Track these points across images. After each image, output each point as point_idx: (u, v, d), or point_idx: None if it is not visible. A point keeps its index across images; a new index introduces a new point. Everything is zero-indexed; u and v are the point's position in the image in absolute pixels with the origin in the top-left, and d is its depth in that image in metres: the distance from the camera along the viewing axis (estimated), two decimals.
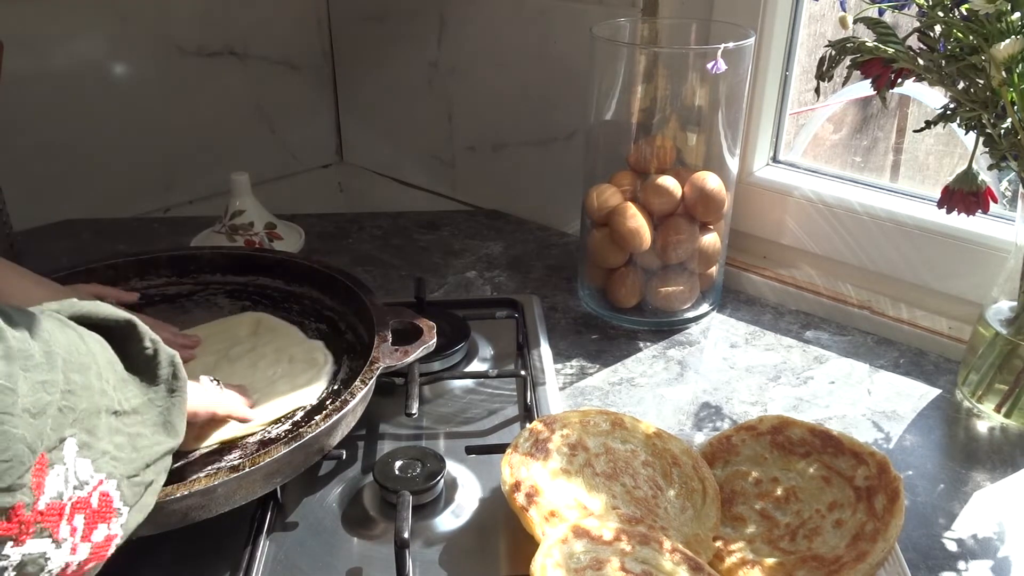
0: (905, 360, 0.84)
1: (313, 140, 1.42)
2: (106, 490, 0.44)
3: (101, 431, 0.44)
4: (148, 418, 0.49)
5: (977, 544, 0.62)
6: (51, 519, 0.40)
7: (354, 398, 0.64)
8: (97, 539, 0.44)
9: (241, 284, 0.85)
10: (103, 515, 0.44)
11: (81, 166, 1.15)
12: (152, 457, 0.48)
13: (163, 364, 0.51)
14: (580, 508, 0.59)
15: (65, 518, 0.41)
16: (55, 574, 0.42)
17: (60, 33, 1.09)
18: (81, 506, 0.42)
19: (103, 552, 0.45)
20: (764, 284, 0.96)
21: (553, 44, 1.05)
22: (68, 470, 0.42)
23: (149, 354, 0.50)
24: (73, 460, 0.42)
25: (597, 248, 0.90)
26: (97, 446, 0.44)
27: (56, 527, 0.41)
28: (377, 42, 1.30)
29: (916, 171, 1.36)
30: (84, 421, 0.43)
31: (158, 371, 0.50)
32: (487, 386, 0.79)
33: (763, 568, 0.57)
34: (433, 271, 1.02)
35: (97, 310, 0.49)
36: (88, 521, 0.43)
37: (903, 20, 0.67)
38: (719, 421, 0.76)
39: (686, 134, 0.88)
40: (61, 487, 0.41)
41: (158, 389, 0.50)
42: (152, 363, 0.50)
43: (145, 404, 0.49)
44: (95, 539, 0.44)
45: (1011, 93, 0.60)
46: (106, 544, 0.45)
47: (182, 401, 0.51)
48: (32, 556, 0.40)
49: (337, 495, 0.66)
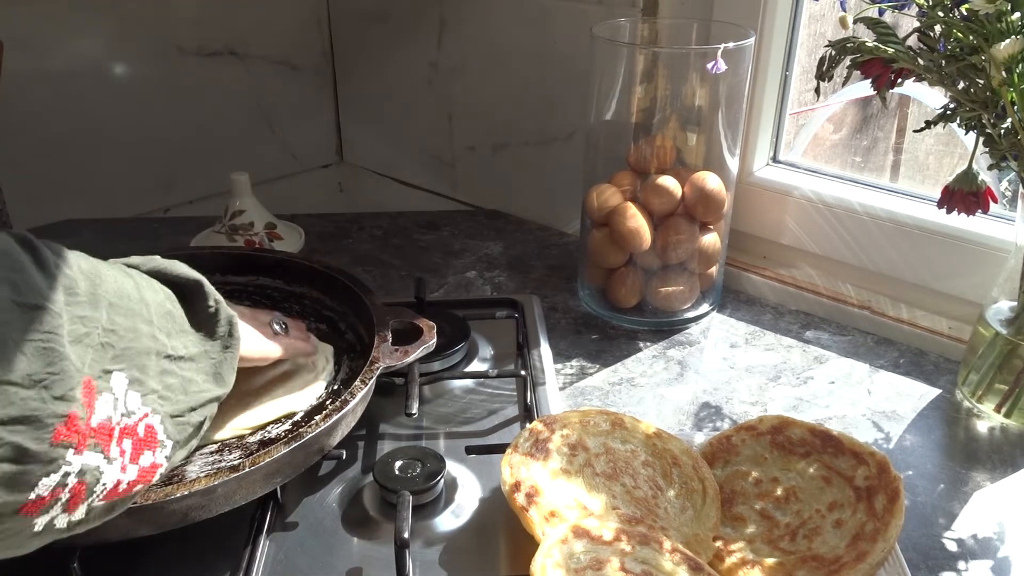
0: (905, 360, 0.84)
1: (313, 140, 1.42)
2: (151, 423, 0.50)
3: (151, 371, 0.50)
4: (202, 367, 0.55)
5: (977, 544, 0.62)
6: (103, 437, 0.46)
7: (354, 398, 0.64)
8: (144, 464, 0.50)
9: (241, 284, 0.85)
10: (149, 443, 0.50)
11: (81, 166, 1.15)
12: (199, 402, 0.54)
13: (222, 322, 0.57)
14: (580, 508, 0.59)
15: (115, 440, 0.47)
16: (108, 487, 0.47)
17: (60, 33, 1.09)
18: (128, 432, 0.48)
19: (149, 477, 0.50)
20: (764, 284, 0.96)
21: (553, 44, 1.05)
22: (117, 400, 0.47)
23: (211, 312, 0.57)
24: (123, 392, 0.48)
25: (597, 248, 0.90)
26: (147, 383, 0.50)
27: (107, 445, 0.46)
28: (377, 42, 1.30)
29: (916, 171, 1.36)
30: (132, 359, 0.49)
31: (217, 328, 0.57)
32: (487, 386, 0.79)
33: (763, 568, 0.57)
34: (433, 271, 1.02)
35: (172, 268, 0.57)
36: (135, 447, 0.49)
37: (903, 20, 0.67)
38: (719, 421, 0.76)
39: (686, 134, 0.88)
40: (110, 412, 0.47)
41: (215, 344, 0.57)
42: (212, 320, 0.57)
43: (201, 354, 0.55)
44: (142, 463, 0.49)
45: (1011, 93, 0.60)
46: (152, 470, 0.50)
47: (234, 357, 0.57)
48: (89, 467, 0.45)
49: (337, 495, 0.66)
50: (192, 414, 0.54)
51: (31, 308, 0.43)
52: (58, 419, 0.43)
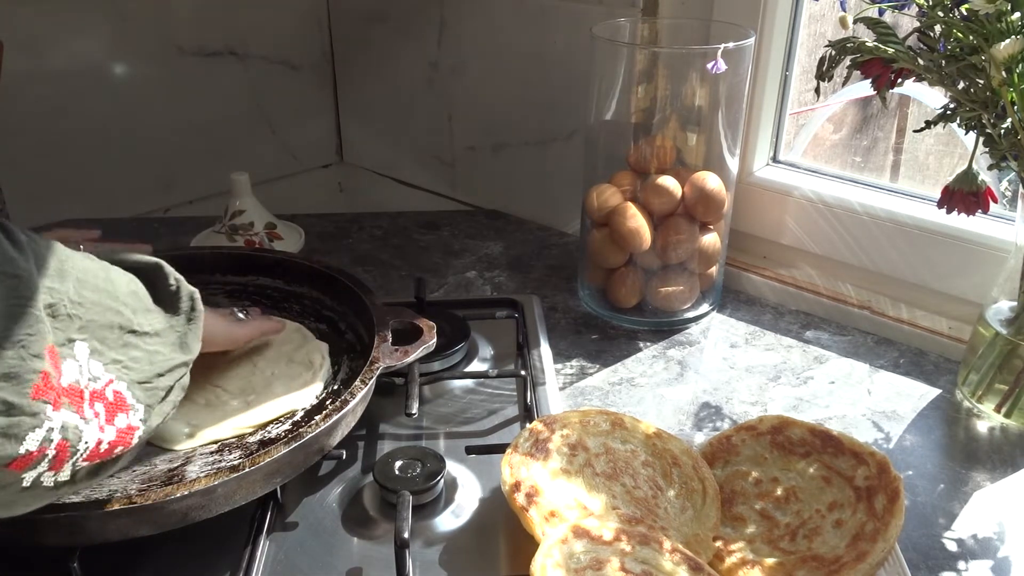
0: (905, 360, 0.84)
1: (313, 140, 1.42)
2: (118, 388, 0.52)
3: (112, 343, 0.53)
4: (168, 340, 0.57)
5: (977, 544, 0.62)
6: (75, 399, 0.48)
7: (354, 398, 0.64)
8: (120, 425, 0.52)
9: (241, 284, 0.85)
10: (120, 407, 0.52)
11: (81, 166, 1.15)
12: (165, 368, 0.56)
13: (184, 298, 0.59)
14: (580, 508, 0.59)
15: (87, 401, 0.49)
16: (90, 446, 0.49)
17: (60, 33, 1.09)
18: (98, 396, 0.50)
19: (128, 439, 0.53)
20: (764, 284, 0.96)
21: (553, 44, 1.05)
22: (81, 367, 0.50)
23: (173, 290, 0.59)
24: (86, 360, 0.50)
25: (597, 248, 0.90)
26: (108, 354, 0.52)
27: (80, 407, 0.49)
28: (377, 42, 1.30)
29: (916, 171, 1.36)
30: (95, 332, 0.51)
31: (179, 304, 0.59)
32: (487, 386, 0.79)
33: (763, 568, 0.57)
34: (433, 271, 1.02)
35: (130, 256, 0.59)
36: (108, 410, 0.51)
37: (903, 20, 0.67)
38: (719, 421, 0.76)
39: (686, 134, 0.88)
40: (77, 376, 0.49)
41: (179, 318, 0.59)
42: (175, 297, 0.59)
43: (167, 329, 0.57)
44: (118, 424, 0.52)
45: (1011, 93, 0.60)
46: (129, 432, 0.53)
47: (197, 327, 0.60)
48: (69, 424, 0.48)
49: (337, 495, 0.66)
50: (160, 379, 0.55)
51: (9, 276, 0.46)
52: (35, 375, 0.45)
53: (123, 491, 0.60)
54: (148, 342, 0.55)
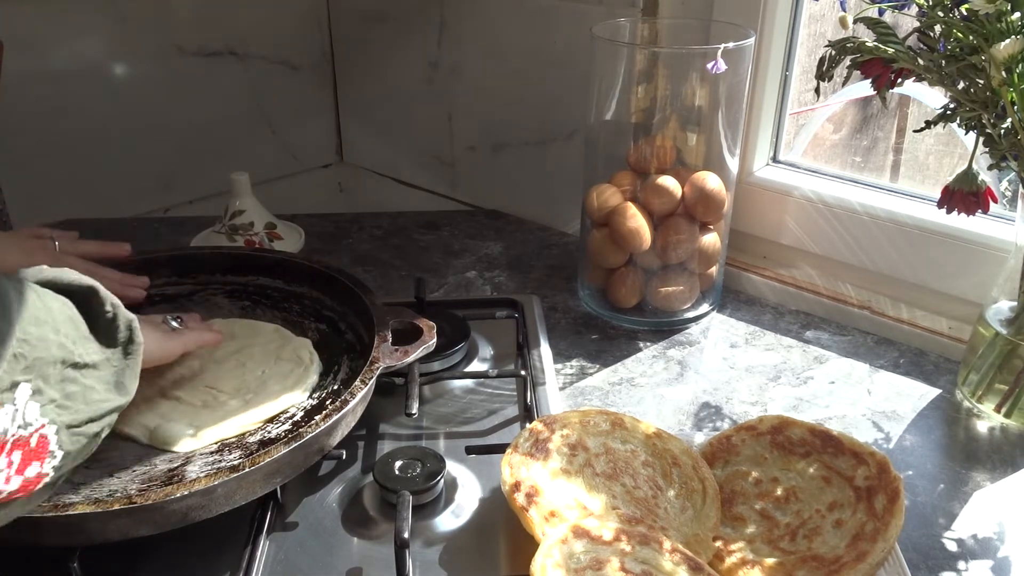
0: (905, 360, 0.84)
1: (313, 140, 1.42)
2: (45, 433, 0.48)
3: (53, 379, 0.49)
4: (103, 375, 0.52)
5: (977, 544, 0.62)
6: None
7: (354, 398, 0.64)
8: (29, 475, 0.47)
9: (241, 284, 0.85)
10: (38, 454, 0.48)
11: (81, 166, 1.15)
12: (98, 412, 0.51)
13: (121, 328, 0.54)
14: (580, 508, 0.59)
15: (5, 451, 0.45)
16: None
17: (60, 33, 1.09)
18: (20, 444, 0.46)
19: (31, 487, 0.48)
20: (764, 284, 0.96)
21: (553, 44, 1.05)
22: (17, 412, 0.46)
23: (109, 317, 0.54)
24: (24, 403, 0.46)
25: (597, 248, 0.90)
26: (48, 393, 0.48)
27: None
28: (377, 42, 1.30)
29: (916, 171, 1.36)
30: (39, 369, 0.47)
31: (116, 334, 0.54)
32: (487, 386, 0.79)
33: (763, 568, 0.57)
34: (433, 271, 1.02)
35: (62, 276, 0.53)
36: (24, 457, 0.47)
37: (903, 20, 0.67)
38: (719, 421, 0.76)
39: (686, 134, 0.88)
40: (8, 424, 0.45)
41: (116, 350, 0.54)
42: (111, 326, 0.54)
43: (103, 362, 0.53)
44: (27, 474, 0.47)
45: (1011, 93, 0.60)
46: (36, 480, 0.48)
47: (135, 363, 0.55)
48: None
49: (337, 495, 0.66)
50: (90, 425, 0.51)
51: None
52: None
53: (123, 491, 0.60)
54: (86, 375, 0.51)
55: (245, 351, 0.76)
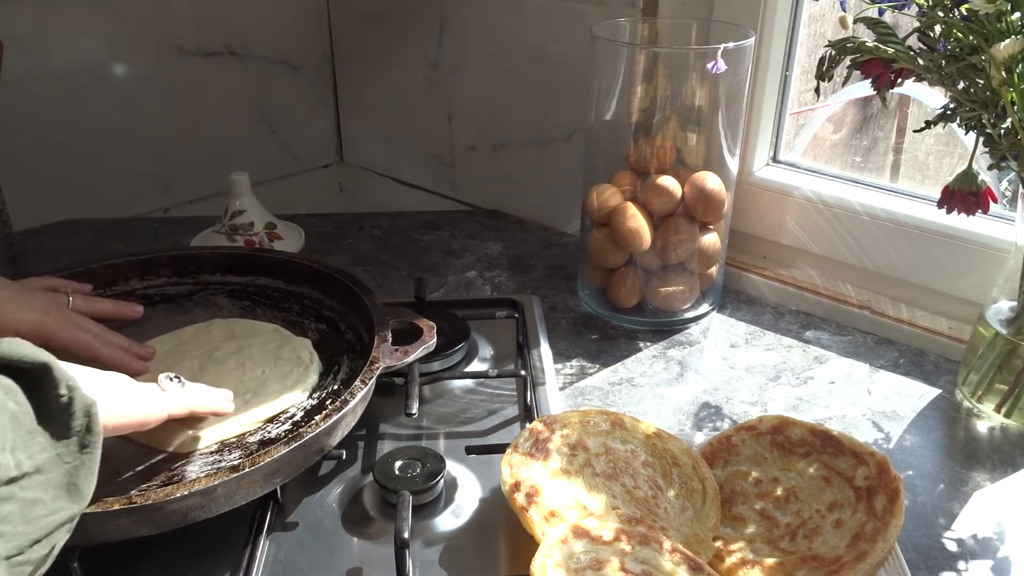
0: (905, 360, 0.84)
1: (313, 140, 1.42)
2: None
3: None
4: (52, 478, 0.44)
5: (977, 544, 0.62)
6: None
7: (354, 398, 0.64)
8: None
9: (241, 284, 0.85)
10: None
11: (81, 166, 1.15)
12: (45, 530, 0.43)
13: (77, 415, 0.46)
14: (580, 508, 0.59)
15: None
16: None
17: (60, 33, 1.09)
18: None
19: None
20: (764, 284, 0.96)
21: (553, 44, 1.05)
22: None
23: (64, 402, 0.45)
24: None
25: (597, 248, 0.90)
26: None
27: None
28: (377, 42, 1.30)
29: (916, 171, 1.36)
30: None
31: (71, 422, 0.46)
32: (487, 386, 0.79)
33: (763, 568, 0.57)
34: (433, 271, 1.02)
35: (13, 351, 0.45)
36: None
37: (903, 20, 0.67)
38: (719, 421, 0.76)
39: (686, 134, 0.88)
40: None
41: (69, 443, 0.45)
42: (65, 412, 0.46)
43: (51, 460, 0.44)
44: None
45: (1011, 93, 0.60)
46: None
47: (93, 460, 0.46)
48: None
49: (337, 495, 0.66)
50: (35, 548, 0.42)
51: None
52: None
53: (123, 491, 0.60)
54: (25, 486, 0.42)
55: (245, 351, 0.76)
